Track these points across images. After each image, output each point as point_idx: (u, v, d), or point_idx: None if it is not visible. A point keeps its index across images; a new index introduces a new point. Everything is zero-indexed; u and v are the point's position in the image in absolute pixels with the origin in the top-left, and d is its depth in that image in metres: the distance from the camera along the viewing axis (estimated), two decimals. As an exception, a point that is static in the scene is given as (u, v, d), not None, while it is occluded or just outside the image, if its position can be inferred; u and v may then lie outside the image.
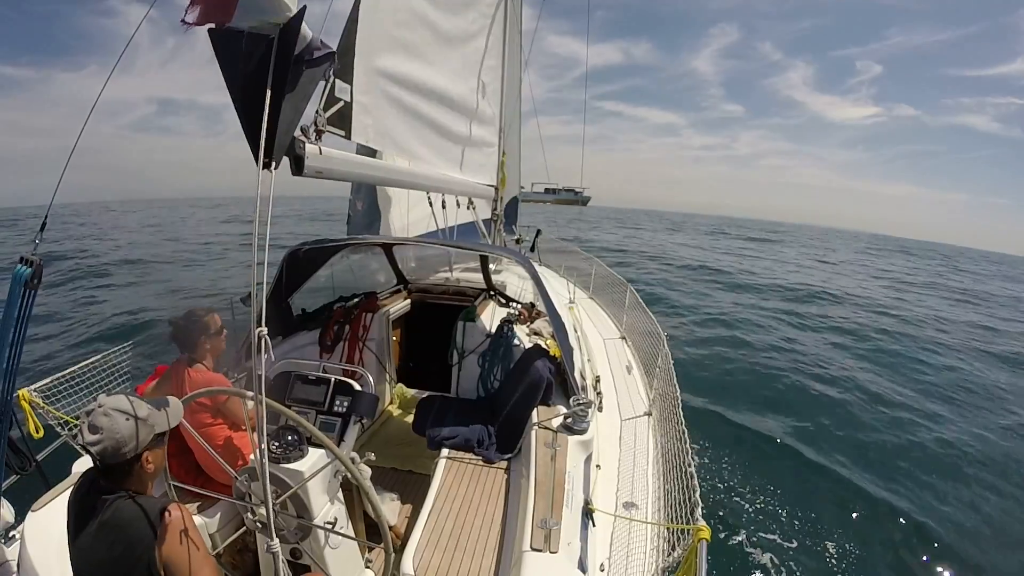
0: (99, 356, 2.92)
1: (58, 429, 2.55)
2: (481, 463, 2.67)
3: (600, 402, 3.17)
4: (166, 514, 1.27)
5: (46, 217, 1.83)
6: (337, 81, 2.26)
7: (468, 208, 5.35)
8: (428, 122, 3.48)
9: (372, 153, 3.09)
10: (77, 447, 2.56)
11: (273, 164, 1.23)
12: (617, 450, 2.91)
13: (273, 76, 1.24)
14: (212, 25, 1.27)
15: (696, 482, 2.03)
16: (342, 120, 2.34)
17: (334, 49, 1.36)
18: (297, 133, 1.91)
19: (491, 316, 4.04)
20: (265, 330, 1.23)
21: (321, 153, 2.04)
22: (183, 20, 1.26)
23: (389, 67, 2.81)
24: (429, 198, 4.76)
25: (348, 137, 2.41)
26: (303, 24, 1.27)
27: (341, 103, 2.29)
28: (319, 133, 2.08)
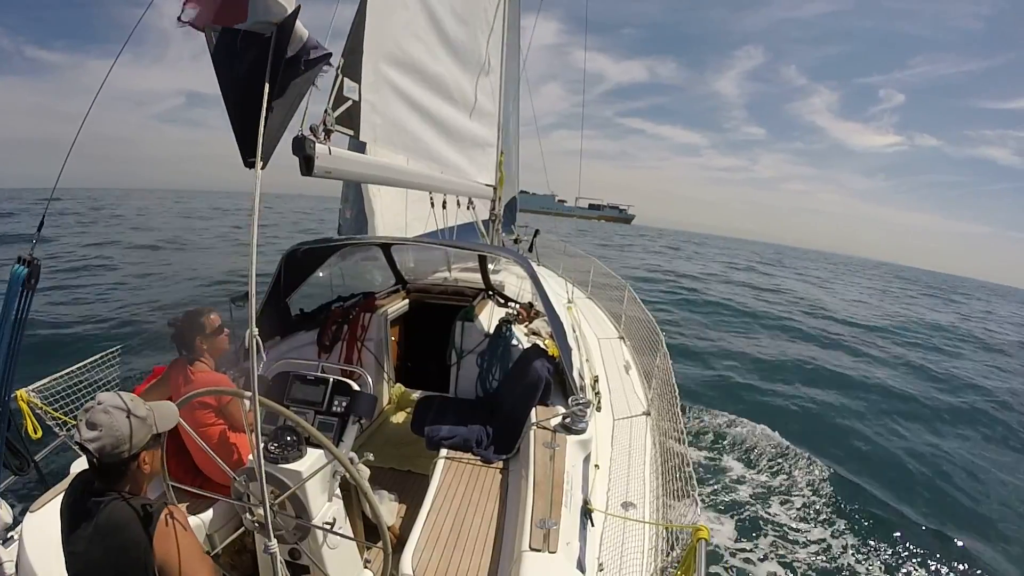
0: (97, 356, 2.91)
1: (56, 429, 2.55)
2: (480, 463, 2.67)
3: (598, 402, 3.17)
4: (162, 516, 1.26)
5: (44, 217, 1.82)
6: (346, 80, 2.23)
7: (468, 208, 5.34)
8: (433, 120, 3.46)
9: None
10: (74, 446, 2.57)
11: (261, 164, 1.22)
12: (615, 450, 2.90)
13: (268, 75, 1.23)
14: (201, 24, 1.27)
15: (695, 482, 2.03)
16: (351, 119, 2.31)
17: (329, 51, 1.35)
18: (307, 132, 1.89)
19: (489, 316, 4.03)
20: (256, 331, 1.22)
21: (331, 153, 2.03)
22: (179, 19, 1.26)
23: (398, 64, 2.78)
24: (431, 198, 4.74)
25: (357, 137, 2.38)
26: (298, 23, 1.26)
27: (349, 102, 2.26)
28: (328, 133, 2.05)
